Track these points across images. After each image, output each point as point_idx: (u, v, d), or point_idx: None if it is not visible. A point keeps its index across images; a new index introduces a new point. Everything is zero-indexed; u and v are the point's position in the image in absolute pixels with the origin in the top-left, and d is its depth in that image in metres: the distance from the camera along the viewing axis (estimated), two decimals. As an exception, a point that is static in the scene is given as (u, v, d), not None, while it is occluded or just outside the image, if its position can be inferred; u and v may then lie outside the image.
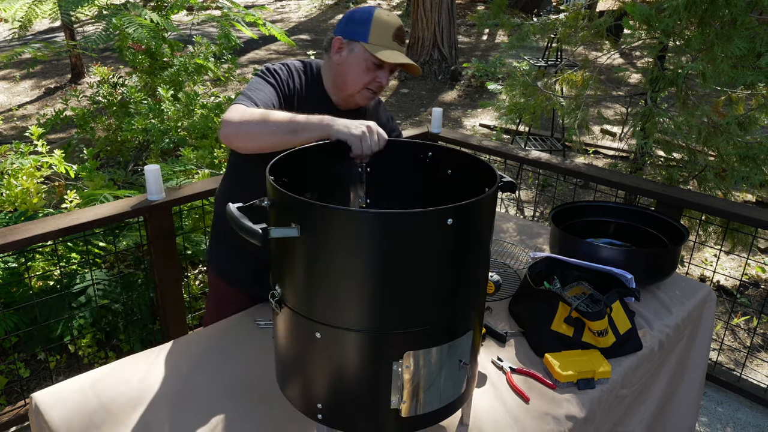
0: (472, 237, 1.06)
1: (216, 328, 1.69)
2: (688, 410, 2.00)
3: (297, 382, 1.16)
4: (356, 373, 1.08)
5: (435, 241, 1.01)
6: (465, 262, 1.08)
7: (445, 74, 8.37)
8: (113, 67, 7.77)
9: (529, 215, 4.70)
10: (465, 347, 1.14)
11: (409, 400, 1.09)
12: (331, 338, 1.06)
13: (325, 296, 1.05)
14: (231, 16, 4.29)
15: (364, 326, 1.04)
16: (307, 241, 1.02)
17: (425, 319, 1.06)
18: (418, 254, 1.01)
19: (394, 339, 1.05)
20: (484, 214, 1.08)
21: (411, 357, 1.06)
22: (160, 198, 2.29)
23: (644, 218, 2.09)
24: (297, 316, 1.09)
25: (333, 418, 1.12)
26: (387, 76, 1.60)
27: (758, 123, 3.03)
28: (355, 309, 1.03)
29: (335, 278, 1.03)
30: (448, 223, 1.00)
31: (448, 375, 1.12)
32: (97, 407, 1.36)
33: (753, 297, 3.65)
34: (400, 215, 0.97)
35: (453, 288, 1.08)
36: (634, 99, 4.44)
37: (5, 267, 2.65)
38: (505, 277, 1.98)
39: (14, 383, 2.67)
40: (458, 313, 1.10)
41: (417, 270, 1.02)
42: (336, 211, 0.98)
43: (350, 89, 1.61)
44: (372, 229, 0.98)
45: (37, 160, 3.12)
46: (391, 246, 0.99)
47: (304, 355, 1.11)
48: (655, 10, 2.85)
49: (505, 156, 3.05)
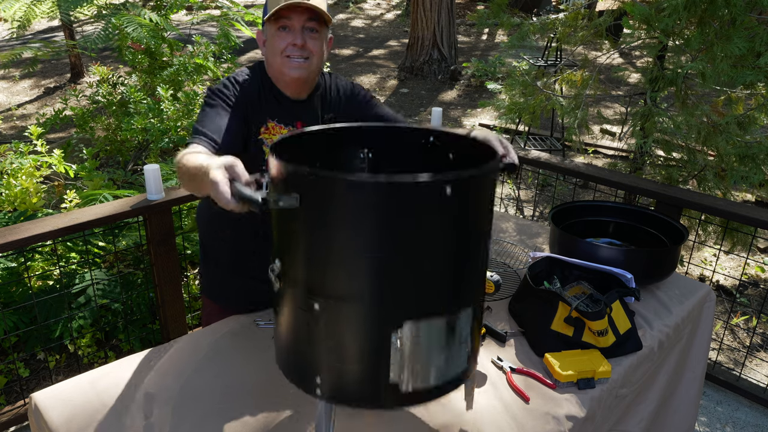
0: (471, 209, 1.06)
1: (216, 328, 1.69)
2: (687, 410, 2.00)
3: (296, 358, 1.15)
4: (355, 344, 1.07)
5: (434, 211, 1.01)
6: (465, 234, 1.07)
7: (444, 74, 8.37)
8: (113, 66, 7.76)
9: (528, 215, 4.70)
10: (465, 321, 1.13)
11: (409, 373, 1.08)
12: (329, 309, 1.06)
13: (324, 266, 1.04)
14: (230, 15, 4.29)
15: (362, 296, 1.04)
16: (306, 210, 1.02)
17: (424, 290, 1.06)
18: (417, 223, 1.01)
19: (393, 309, 1.05)
20: (483, 186, 1.08)
21: (410, 327, 1.06)
22: (160, 198, 2.29)
23: (644, 218, 2.09)
24: (296, 289, 1.09)
25: (332, 393, 1.11)
26: (300, 35, 1.53)
27: (758, 122, 3.03)
28: (353, 279, 1.03)
29: (334, 248, 1.02)
30: (446, 193, 1.00)
31: (448, 350, 1.12)
32: (97, 407, 1.36)
33: (752, 297, 3.65)
34: (399, 183, 0.97)
35: (453, 259, 1.07)
36: (633, 98, 4.44)
37: (5, 267, 2.65)
38: (505, 277, 1.98)
39: (14, 383, 2.67)
40: (458, 285, 1.10)
41: (415, 240, 1.02)
42: (335, 179, 0.98)
43: (276, 67, 1.57)
44: (370, 197, 0.98)
45: (37, 160, 3.12)
46: (390, 214, 0.99)
47: (303, 329, 1.11)
48: (654, 9, 2.85)
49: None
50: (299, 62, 1.55)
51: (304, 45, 1.54)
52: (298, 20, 1.53)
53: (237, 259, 1.78)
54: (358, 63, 9.18)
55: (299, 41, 1.53)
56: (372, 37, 10.83)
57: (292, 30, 1.54)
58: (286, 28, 1.54)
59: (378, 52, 9.88)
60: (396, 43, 10.36)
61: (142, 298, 2.81)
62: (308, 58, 1.56)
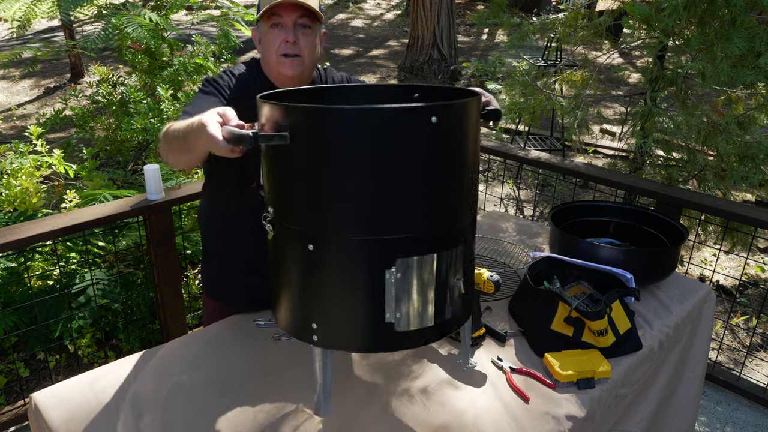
0: (458, 140, 1.07)
1: (216, 327, 1.69)
2: (687, 409, 2.00)
3: (291, 305, 1.15)
4: (349, 283, 1.07)
5: (421, 140, 1.02)
6: (453, 167, 1.08)
7: (444, 74, 8.36)
8: (112, 66, 7.76)
9: (528, 215, 4.70)
10: (458, 259, 1.13)
11: (403, 313, 1.08)
12: (323, 248, 1.06)
13: (316, 204, 1.05)
14: (230, 15, 4.29)
15: (354, 233, 1.04)
16: (295, 147, 1.03)
17: (415, 224, 1.06)
18: (405, 153, 1.02)
19: (385, 245, 1.05)
20: (468, 119, 1.09)
21: (403, 264, 1.06)
22: (160, 198, 2.29)
23: (644, 218, 2.09)
24: (290, 231, 1.09)
25: (328, 338, 1.11)
26: (292, 32, 1.55)
27: (757, 122, 3.04)
28: (345, 215, 1.04)
29: (324, 184, 1.03)
30: (432, 121, 1.01)
31: (442, 289, 1.11)
32: (97, 407, 1.36)
33: (752, 296, 3.65)
34: (385, 111, 0.99)
35: (442, 191, 1.08)
36: (633, 98, 4.44)
37: (5, 267, 2.65)
38: (505, 277, 1.98)
39: (14, 383, 2.67)
40: (449, 220, 1.11)
41: (404, 171, 1.03)
42: (321, 110, 1.00)
43: (271, 64, 1.60)
44: (356, 127, 0.99)
45: (37, 160, 3.12)
46: (378, 144, 1.00)
47: (298, 273, 1.11)
48: (654, 9, 2.85)
49: (505, 155, 3.05)
50: (292, 60, 1.58)
51: (297, 42, 1.56)
52: (290, 17, 1.54)
53: (238, 256, 1.78)
54: (358, 63, 9.18)
55: (291, 38, 1.55)
56: (372, 37, 10.83)
57: (284, 27, 1.55)
58: (279, 25, 1.56)
59: (378, 52, 9.88)
60: (396, 43, 10.36)
61: (142, 298, 2.81)
62: (300, 56, 1.58)
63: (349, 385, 1.45)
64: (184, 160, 1.40)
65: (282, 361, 1.53)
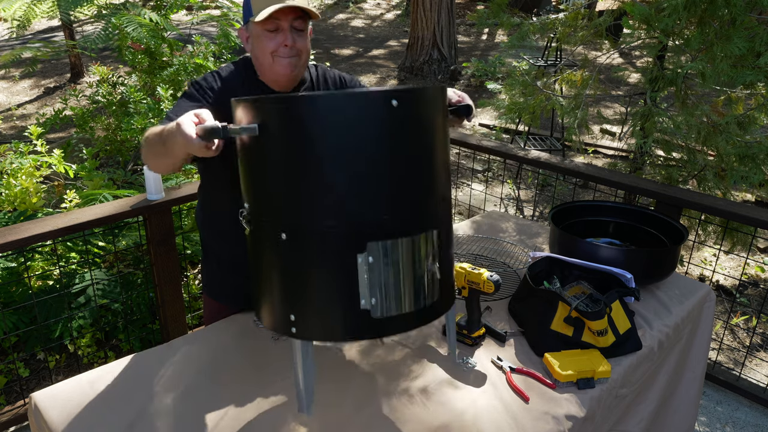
0: (422, 124, 1.09)
1: (215, 327, 1.69)
2: (687, 409, 2.00)
3: (269, 298, 1.15)
4: (323, 272, 1.08)
5: (384, 124, 1.04)
6: (417, 147, 1.09)
7: (444, 74, 8.36)
8: (112, 66, 7.76)
9: (528, 215, 4.71)
10: (432, 246, 1.13)
11: (379, 297, 1.08)
12: (295, 237, 1.07)
13: (286, 194, 1.07)
14: (230, 15, 4.29)
15: (324, 219, 1.05)
16: (265, 141, 1.06)
17: (384, 208, 1.07)
18: (368, 139, 1.03)
19: (355, 230, 1.06)
20: (432, 106, 1.11)
21: (374, 248, 1.06)
22: (160, 198, 2.29)
23: (644, 218, 2.09)
24: (263, 223, 1.11)
25: (306, 329, 1.11)
26: (290, 35, 1.54)
27: (757, 122, 3.04)
28: (313, 203, 1.05)
29: (292, 173, 1.05)
30: (393, 104, 1.03)
31: (416, 274, 1.11)
32: (97, 407, 1.36)
33: (752, 296, 3.65)
34: (344, 96, 1.02)
35: (409, 175, 1.09)
36: (633, 98, 4.44)
37: (5, 267, 2.65)
38: (505, 277, 1.99)
39: (14, 383, 2.67)
40: (421, 206, 1.11)
41: (370, 155, 1.04)
42: (286, 99, 1.03)
43: (266, 65, 1.59)
44: (321, 113, 1.02)
45: (37, 160, 3.12)
46: (341, 130, 1.02)
47: (273, 265, 1.12)
48: (654, 9, 2.85)
49: (505, 155, 3.05)
50: (290, 60, 1.57)
51: (294, 44, 1.55)
52: (286, 20, 1.54)
53: (236, 256, 1.78)
54: (358, 63, 9.18)
55: (289, 42, 1.54)
56: (372, 37, 10.83)
57: (280, 30, 1.55)
58: (275, 28, 1.55)
59: (378, 52, 9.88)
60: (396, 43, 10.36)
61: (142, 298, 2.81)
62: (298, 56, 1.58)
63: (349, 385, 1.45)
64: (164, 164, 1.41)
65: (281, 360, 1.53)
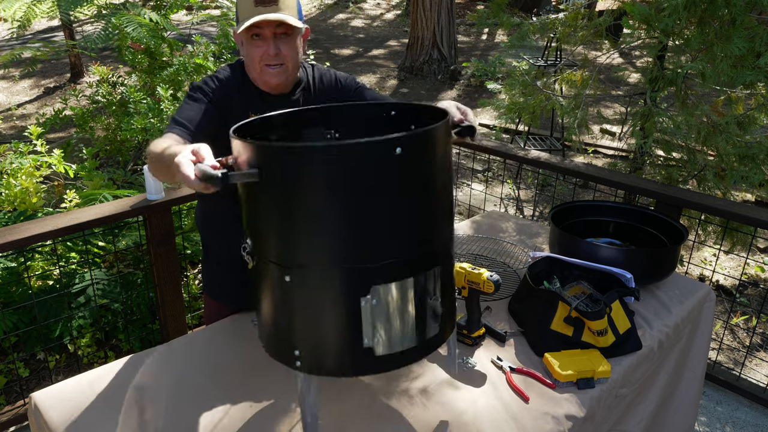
0: (425, 167, 1.08)
1: (215, 327, 1.69)
2: (687, 409, 2.00)
3: (274, 333, 1.17)
4: (327, 312, 1.09)
5: (387, 171, 1.03)
6: (422, 194, 1.09)
7: (444, 74, 8.37)
8: (112, 66, 7.76)
9: (528, 215, 4.71)
10: (434, 283, 1.14)
11: (381, 337, 1.10)
12: (300, 281, 1.08)
13: (289, 238, 1.07)
14: (230, 15, 4.29)
15: (328, 264, 1.06)
16: (266, 184, 1.05)
17: (388, 252, 1.07)
18: (371, 185, 1.03)
19: (359, 275, 1.07)
20: (434, 145, 1.10)
21: (378, 291, 1.07)
22: (160, 197, 2.29)
23: (643, 218, 2.09)
24: (267, 264, 1.11)
25: (310, 364, 1.13)
26: (272, 44, 1.54)
27: (757, 122, 3.04)
28: (317, 247, 1.06)
29: (296, 218, 1.05)
30: (396, 152, 1.02)
31: (419, 311, 1.13)
32: (97, 407, 1.36)
33: (752, 296, 3.65)
34: (349, 146, 1.00)
35: (414, 220, 1.09)
36: (633, 98, 4.44)
37: (5, 267, 2.65)
38: (505, 277, 1.98)
39: (13, 383, 2.67)
40: (423, 246, 1.12)
41: (372, 202, 1.04)
42: (288, 148, 1.01)
43: (255, 72, 1.59)
44: (323, 163, 1.01)
45: (36, 160, 3.12)
46: (344, 178, 1.02)
47: (278, 303, 1.13)
48: (654, 9, 2.85)
49: (505, 155, 3.05)
50: (276, 69, 1.57)
51: (278, 53, 1.55)
52: (269, 29, 1.54)
53: (236, 256, 1.78)
54: (357, 63, 9.18)
55: (272, 51, 1.54)
56: (372, 37, 10.83)
57: (264, 38, 1.55)
58: (259, 36, 1.55)
59: (378, 52, 9.88)
60: (396, 43, 10.36)
61: (142, 298, 2.81)
62: (283, 64, 1.58)
63: (349, 385, 1.45)
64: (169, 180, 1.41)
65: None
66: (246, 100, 1.64)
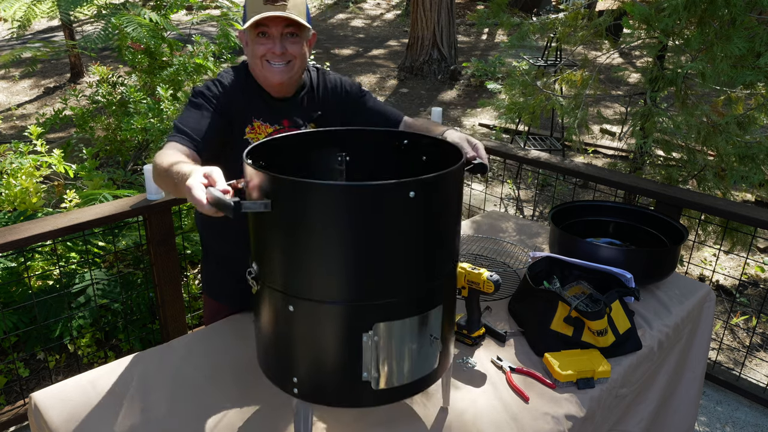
0: (437, 211, 1.09)
1: (215, 327, 1.69)
2: (687, 409, 2.00)
3: (274, 358, 1.18)
4: (328, 345, 1.10)
5: (398, 214, 1.04)
6: (431, 236, 1.10)
7: (444, 74, 8.37)
8: (112, 66, 7.76)
9: (528, 215, 4.71)
10: (435, 321, 1.15)
11: (381, 372, 1.11)
12: (303, 311, 1.09)
13: (296, 269, 1.07)
14: (230, 15, 4.29)
15: (333, 298, 1.07)
16: (278, 215, 1.05)
17: (393, 291, 1.08)
18: (383, 227, 1.04)
19: (363, 311, 1.08)
20: (448, 188, 1.11)
21: (380, 329, 1.08)
22: (160, 197, 2.29)
23: (643, 218, 2.09)
24: (271, 291, 1.12)
25: (308, 392, 1.14)
26: (279, 42, 1.52)
27: (757, 122, 3.04)
28: (324, 281, 1.06)
29: (305, 251, 1.05)
30: (410, 196, 1.03)
31: (419, 349, 1.14)
32: (97, 407, 1.36)
33: (752, 296, 3.65)
34: (363, 187, 1.01)
35: (421, 261, 1.10)
36: (633, 98, 4.44)
37: (5, 267, 2.65)
38: (505, 277, 1.98)
39: (13, 383, 2.67)
40: (427, 286, 1.13)
41: (383, 243, 1.05)
42: (303, 184, 1.01)
43: (257, 70, 1.57)
44: (338, 201, 1.02)
45: (36, 160, 3.12)
46: (357, 218, 1.02)
47: (279, 330, 1.14)
48: (654, 9, 2.85)
49: (505, 155, 3.05)
50: (281, 67, 1.56)
51: (285, 52, 1.54)
52: (277, 28, 1.52)
53: (237, 256, 1.78)
54: (357, 63, 9.18)
55: (278, 49, 1.53)
56: (372, 37, 10.82)
57: (271, 36, 1.53)
58: (266, 34, 1.53)
59: (378, 51, 9.88)
60: (396, 43, 10.36)
61: (142, 298, 2.81)
62: (290, 62, 1.56)
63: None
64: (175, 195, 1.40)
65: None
66: (250, 105, 1.62)
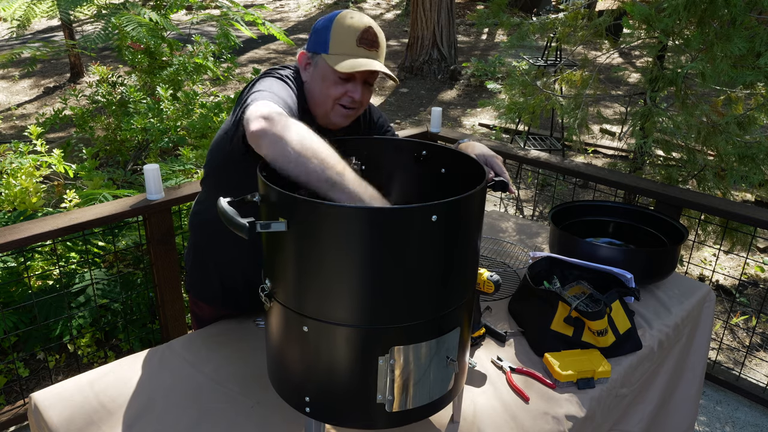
0: (458, 234, 1.07)
1: (215, 327, 1.69)
2: (687, 409, 2.00)
3: (286, 376, 1.16)
4: (342, 367, 1.08)
5: (421, 238, 1.02)
6: (452, 258, 1.08)
7: (444, 73, 8.37)
8: (112, 66, 7.76)
9: (528, 215, 4.71)
10: (452, 343, 1.14)
11: (396, 395, 1.10)
12: (318, 332, 1.07)
13: (312, 290, 1.06)
14: (230, 15, 4.29)
15: (350, 321, 1.05)
16: (295, 235, 1.03)
17: (412, 314, 1.07)
18: (404, 250, 1.02)
19: (380, 334, 1.06)
20: (470, 211, 1.09)
21: (397, 352, 1.07)
22: (160, 197, 2.29)
23: (643, 218, 2.09)
24: (285, 310, 1.10)
25: (320, 412, 1.13)
26: (360, 89, 1.45)
27: (757, 122, 3.04)
28: (341, 304, 1.04)
29: (322, 273, 1.03)
30: (432, 220, 1.01)
31: (435, 371, 1.13)
32: (97, 407, 1.36)
33: (752, 296, 3.66)
34: (386, 211, 0.99)
35: (440, 284, 1.08)
36: (633, 98, 4.44)
37: (5, 267, 2.65)
38: (505, 277, 1.98)
39: (13, 383, 2.67)
40: (445, 309, 1.11)
41: (403, 266, 1.03)
42: (322, 206, 0.99)
43: (321, 108, 1.48)
44: (358, 224, 0.99)
45: (36, 160, 3.12)
46: (377, 242, 1.00)
47: (292, 349, 1.12)
48: (654, 9, 2.85)
49: (505, 155, 3.05)
50: (350, 112, 1.49)
51: (361, 98, 1.48)
52: (361, 76, 1.46)
53: (234, 258, 1.76)
54: (357, 63, 9.16)
55: (358, 96, 1.46)
56: (372, 37, 10.80)
57: (353, 82, 1.46)
58: (349, 79, 1.45)
59: (378, 51, 9.86)
60: (396, 43, 10.36)
61: (142, 297, 2.81)
62: (357, 109, 1.51)
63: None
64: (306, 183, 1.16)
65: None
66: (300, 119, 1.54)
